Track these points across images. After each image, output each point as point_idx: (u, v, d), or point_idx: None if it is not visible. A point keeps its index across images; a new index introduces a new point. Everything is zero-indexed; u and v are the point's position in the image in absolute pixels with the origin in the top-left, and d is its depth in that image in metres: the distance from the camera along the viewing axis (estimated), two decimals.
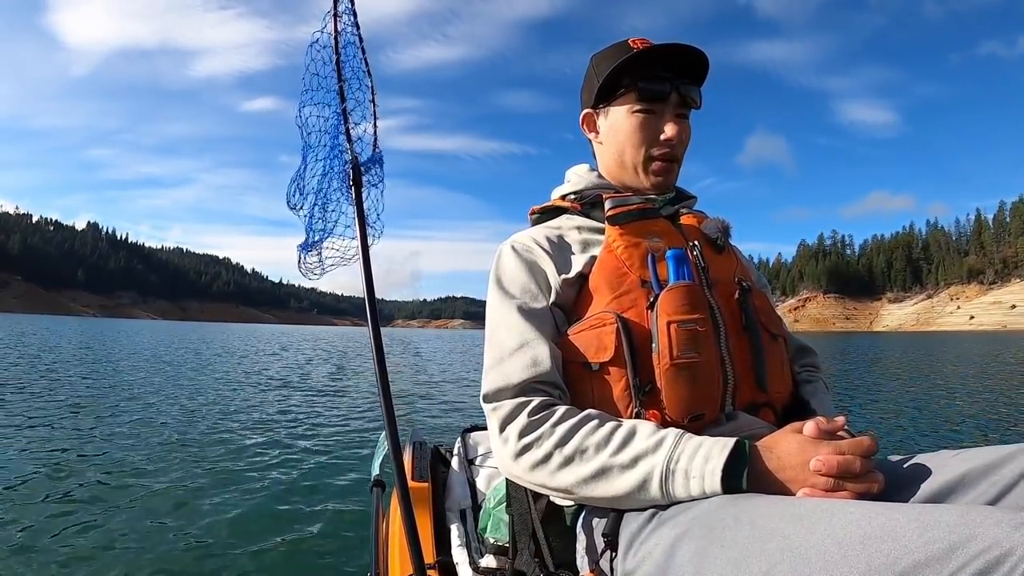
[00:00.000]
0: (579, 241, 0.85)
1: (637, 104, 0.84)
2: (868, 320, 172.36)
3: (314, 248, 1.12)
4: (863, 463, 0.55)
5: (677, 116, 0.85)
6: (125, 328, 47.22)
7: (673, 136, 0.84)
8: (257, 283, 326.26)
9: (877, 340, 47.36)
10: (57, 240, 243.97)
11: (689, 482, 0.59)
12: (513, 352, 0.74)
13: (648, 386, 0.70)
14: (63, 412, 5.52)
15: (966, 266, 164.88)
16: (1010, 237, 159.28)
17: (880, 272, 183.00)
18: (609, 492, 0.63)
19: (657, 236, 0.80)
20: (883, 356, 19.77)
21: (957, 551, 0.37)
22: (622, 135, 0.86)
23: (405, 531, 0.90)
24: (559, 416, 0.68)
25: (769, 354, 0.77)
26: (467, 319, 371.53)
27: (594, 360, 0.72)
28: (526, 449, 0.68)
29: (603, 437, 0.65)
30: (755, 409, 0.75)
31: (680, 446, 0.61)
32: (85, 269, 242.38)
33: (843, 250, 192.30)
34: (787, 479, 0.56)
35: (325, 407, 6.63)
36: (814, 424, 0.59)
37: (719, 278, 0.79)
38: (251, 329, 74.96)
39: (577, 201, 0.90)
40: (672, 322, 0.70)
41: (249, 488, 3.26)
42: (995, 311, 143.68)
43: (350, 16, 1.13)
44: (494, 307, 0.80)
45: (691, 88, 0.85)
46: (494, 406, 0.72)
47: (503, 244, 0.87)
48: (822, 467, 0.55)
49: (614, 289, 0.75)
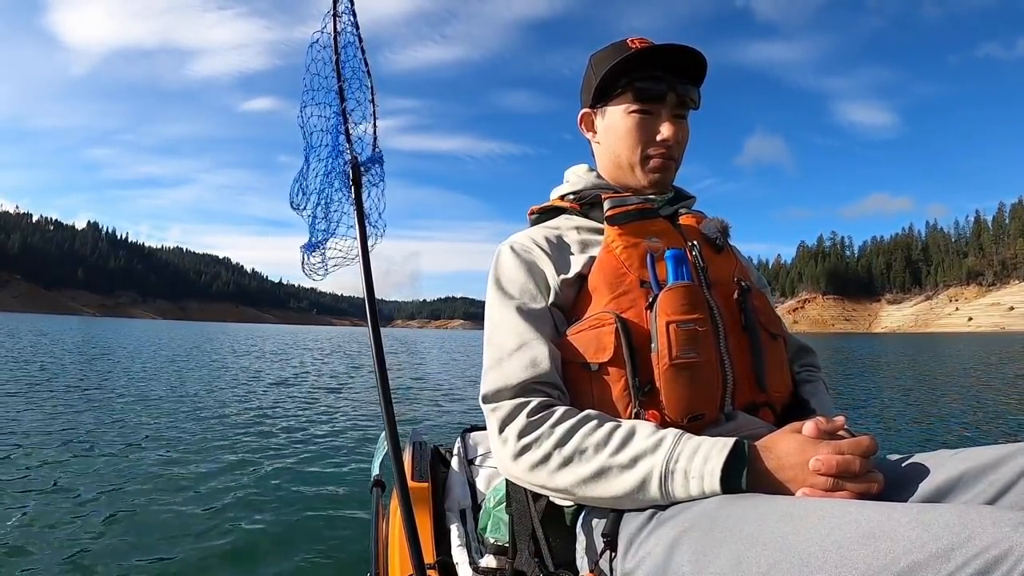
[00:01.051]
0: (578, 241, 0.85)
1: (634, 104, 0.84)
2: (867, 321, 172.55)
3: (317, 248, 1.12)
4: (862, 463, 0.55)
5: (675, 116, 0.85)
6: (125, 328, 47.20)
7: (669, 137, 0.84)
8: (257, 283, 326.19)
9: (875, 341, 47.42)
10: (57, 240, 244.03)
11: (688, 482, 0.59)
12: (512, 353, 0.74)
13: (647, 387, 0.69)
14: (63, 411, 5.51)
15: (965, 268, 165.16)
16: (1009, 239, 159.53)
17: (879, 273, 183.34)
18: (608, 492, 0.63)
19: (656, 236, 0.80)
20: (880, 357, 19.78)
21: (956, 551, 0.37)
22: (619, 135, 0.86)
23: (405, 531, 0.90)
24: (558, 417, 0.68)
25: (768, 354, 0.77)
26: (467, 319, 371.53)
27: (593, 360, 0.72)
28: (525, 449, 0.68)
29: (602, 437, 0.65)
30: (755, 409, 0.75)
31: (679, 446, 0.61)
32: (85, 269, 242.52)
33: (843, 251, 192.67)
34: (786, 479, 0.56)
35: (325, 407, 6.63)
36: (813, 424, 0.59)
37: (718, 278, 0.79)
38: (251, 329, 74.94)
39: (576, 201, 0.90)
40: (671, 322, 0.69)
41: (249, 488, 3.25)
42: (993, 312, 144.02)
43: (350, 16, 1.13)
44: (493, 307, 0.80)
45: (689, 89, 0.85)
46: (493, 407, 0.72)
47: (502, 244, 0.87)
48: (821, 467, 0.55)
49: (613, 289, 0.75)
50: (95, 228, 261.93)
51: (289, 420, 5.61)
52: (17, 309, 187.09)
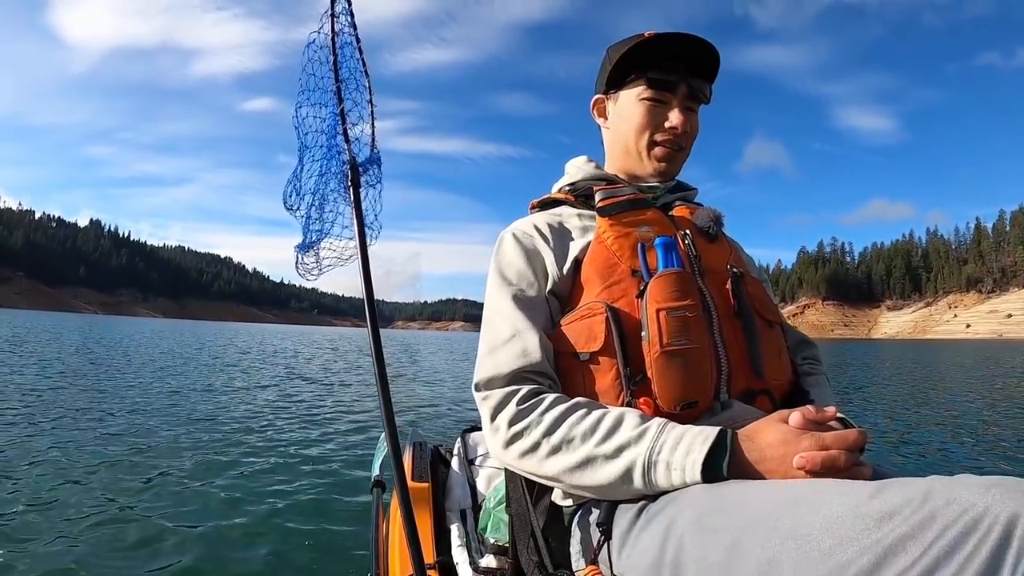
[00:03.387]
0: (579, 228, 0.86)
1: (646, 91, 0.86)
2: (867, 327, 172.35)
3: (311, 249, 1.12)
4: (848, 457, 0.54)
5: (685, 108, 0.86)
6: (129, 326, 47.16)
7: (678, 125, 0.85)
8: (258, 283, 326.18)
9: (871, 347, 47.25)
10: (60, 237, 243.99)
11: (671, 473, 0.58)
12: (506, 341, 0.74)
13: (639, 376, 0.69)
14: (61, 411, 5.49)
15: (965, 275, 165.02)
16: (1009, 246, 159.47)
17: (880, 280, 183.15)
18: (595, 482, 0.63)
19: (647, 226, 0.80)
20: (872, 363, 19.72)
21: (938, 517, 0.38)
22: (629, 121, 0.88)
23: (405, 531, 0.89)
24: (547, 404, 0.69)
25: (764, 340, 0.76)
26: (467, 321, 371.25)
27: (584, 350, 0.72)
28: (516, 437, 0.68)
29: (589, 427, 0.65)
30: (752, 396, 0.74)
31: (662, 437, 0.60)
32: (87, 266, 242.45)
33: (843, 257, 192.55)
34: (766, 471, 0.55)
35: (325, 407, 6.61)
36: (800, 415, 0.58)
37: (711, 266, 0.79)
38: (252, 328, 74.81)
39: (571, 193, 0.92)
40: (661, 309, 0.69)
41: (249, 488, 3.25)
42: (991, 320, 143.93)
43: (347, 17, 1.13)
44: (492, 295, 0.81)
45: (701, 83, 0.86)
46: (485, 395, 0.73)
47: (504, 231, 0.88)
48: (805, 464, 0.54)
49: (604, 279, 0.76)
50: (97, 226, 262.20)
51: (289, 420, 5.59)
52: (20, 306, 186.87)
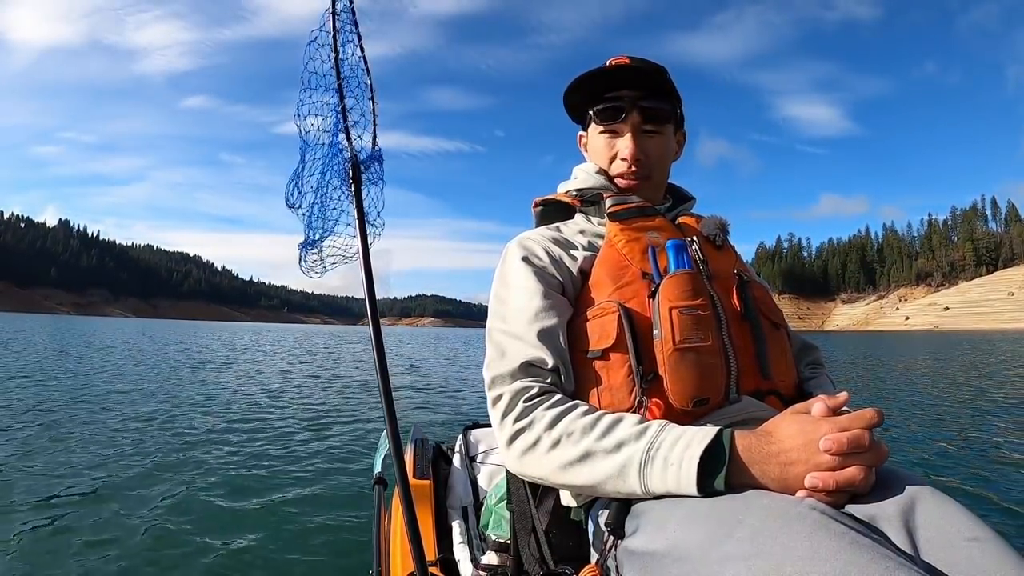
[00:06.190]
0: (583, 243, 0.87)
1: (598, 126, 0.91)
2: (820, 320, 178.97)
3: (314, 247, 1.11)
4: (870, 435, 0.55)
5: (643, 132, 0.88)
6: (102, 326, 45.10)
7: (628, 156, 0.87)
8: (227, 281, 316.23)
9: (820, 338, 49.44)
10: (29, 237, 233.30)
11: (667, 468, 0.59)
12: (515, 344, 0.76)
13: (651, 375, 0.70)
14: (61, 410, 5.35)
15: (915, 269, 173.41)
16: (958, 241, 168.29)
17: (835, 274, 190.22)
18: (592, 477, 0.64)
19: (656, 231, 0.82)
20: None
21: None
22: (596, 154, 0.93)
23: (407, 528, 0.90)
24: (552, 402, 0.70)
25: (771, 341, 0.78)
26: (437, 317, 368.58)
27: (596, 348, 0.74)
28: (519, 433, 0.69)
29: (590, 422, 0.66)
30: (761, 397, 0.75)
31: (663, 434, 0.61)
32: (58, 267, 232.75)
33: (800, 252, 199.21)
34: (789, 461, 0.56)
35: (326, 405, 6.52)
36: (822, 403, 0.59)
37: (718, 271, 0.81)
38: (234, 327, 72.56)
39: (577, 197, 0.93)
40: (674, 308, 0.71)
41: (249, 487, 3.19)
42: (929, 312, 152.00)
43: (348, 15, 1.12)
44: (498, 302, 0.82)
45: (656, 103, 0.88)
46: (495, 395, 0.74)
47: (510, 243, 0.88)
48: (832, 446, 0.54)
49: (616, 280, 0.77)
50: (66, 226, 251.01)
51: (289, 419, 5.49)
52: None
